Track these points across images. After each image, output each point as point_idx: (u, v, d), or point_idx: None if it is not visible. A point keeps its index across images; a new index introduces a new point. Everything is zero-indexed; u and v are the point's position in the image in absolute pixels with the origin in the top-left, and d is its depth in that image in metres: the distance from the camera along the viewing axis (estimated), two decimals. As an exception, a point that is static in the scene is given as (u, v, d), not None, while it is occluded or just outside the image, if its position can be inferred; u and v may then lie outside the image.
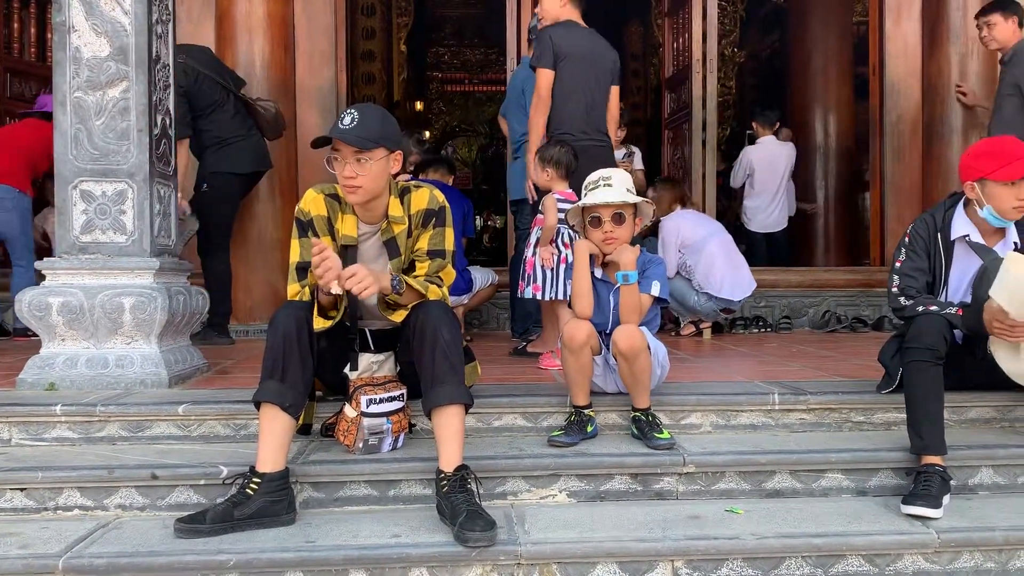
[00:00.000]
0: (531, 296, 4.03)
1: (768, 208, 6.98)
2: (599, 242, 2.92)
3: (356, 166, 2.54)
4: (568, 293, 3.83)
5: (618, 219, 2.90)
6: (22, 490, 2.55)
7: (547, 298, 3.98)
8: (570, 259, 3.90)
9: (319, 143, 2.61)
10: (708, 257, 5.24)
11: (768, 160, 6.93)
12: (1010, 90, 4.77)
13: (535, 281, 4.00)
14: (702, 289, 5.23)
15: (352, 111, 2.56)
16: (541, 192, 4.15)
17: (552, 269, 3.96)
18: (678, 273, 5.30)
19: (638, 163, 6.34)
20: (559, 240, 4.00)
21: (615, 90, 4.44)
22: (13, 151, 5.16)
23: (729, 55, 10.56)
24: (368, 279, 2.45)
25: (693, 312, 5.36)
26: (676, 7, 7.03)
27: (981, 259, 2.89)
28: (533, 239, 4.08)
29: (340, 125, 2.53)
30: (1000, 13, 4.89)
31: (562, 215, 3.92)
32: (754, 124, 7.12)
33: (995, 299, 2.65)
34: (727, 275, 5.23)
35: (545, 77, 4.22)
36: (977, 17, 5.09)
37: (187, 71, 4.51)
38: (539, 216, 4.05)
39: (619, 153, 6.24)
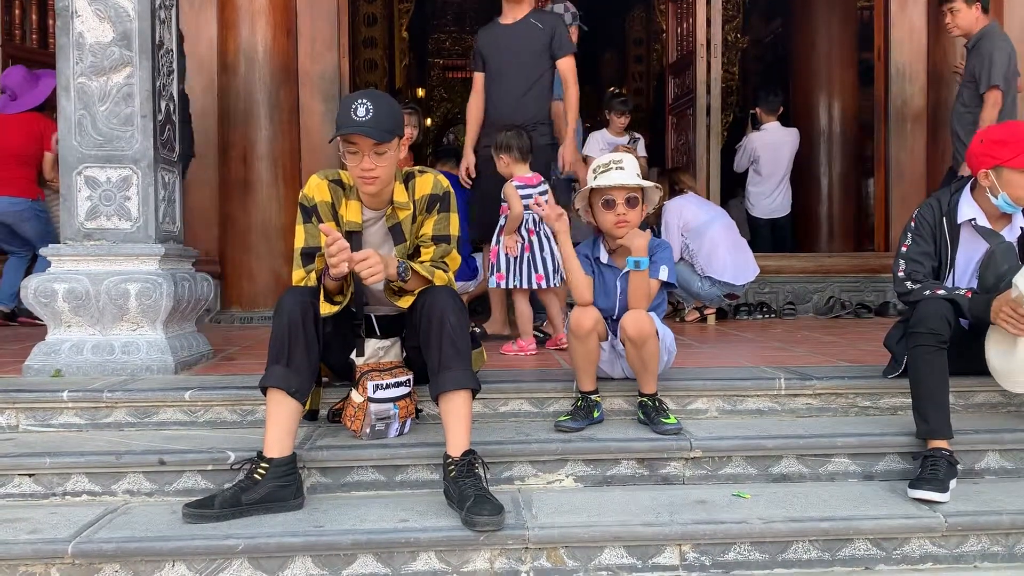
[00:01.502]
0: (495, 285, 4.00)
1: (772, 194, 6.96)
2: (611, 225, 2.90)
3: (375, 158, 2.53)
4: (532, 282, 3.88)
5: (631, 202, 2.89)
6: (30, 476, 2.56)
7: (510, 286, 3.94)
8: (535, 246, 3.91)
9: (335, 136, 2.55)
10: (711, 241, 5.24)
11: (772, 146, 6.91)
12: (968, 78, 4.84)
13: (499, 270, 3.96)
14: (705, 274, 5.23)
15: (364, 101, 2.50)
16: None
17: (516, 257, 3.92)
18: (681, 258, 5.30)
19: (641, 150, 6.32)
20: (522, 227, 3.94)
21: None
22: (11, 160, 5.16)
23: (732, 41, 10.51)
24: (378, 265, 2.44)
25: (697, 297, 5.35)
26: (680, -8, 7.00)
27: (988, 243, 2.88)
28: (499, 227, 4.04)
29: (355, 117, 2.48)
30: (962, 0, 4.91)
31: (528, 200, 3.87)
32: (758, 110, 7.08)
33: (1019, 286, 2.63)
34: (730, 259, 5.23)
35: None
36: (941, 4, 5.10)
37: None
38: (504, 204, 4.00)
39: (623, 140, 6.23)
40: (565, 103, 4.26)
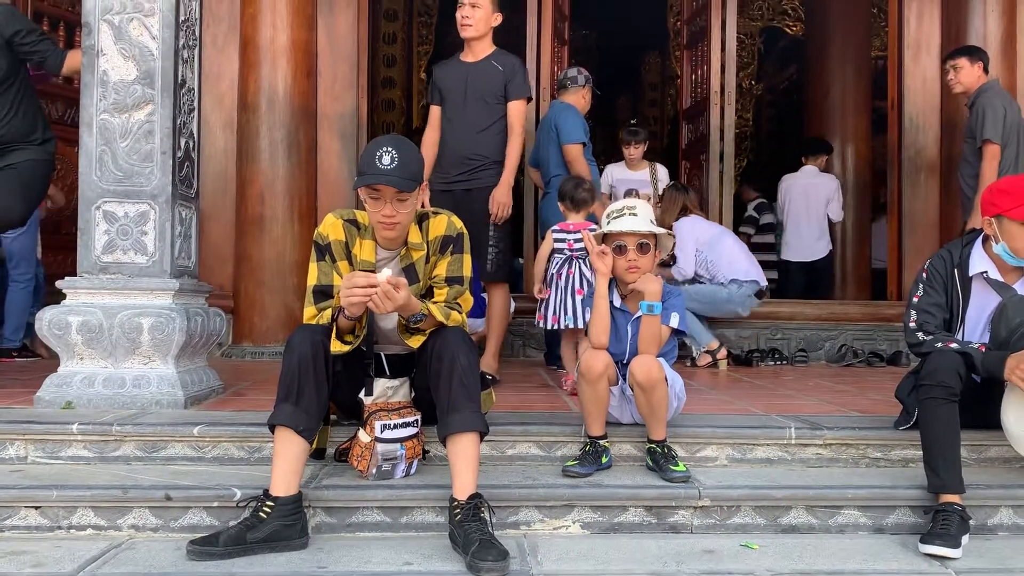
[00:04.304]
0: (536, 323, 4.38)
1: (803, 238, 7.07)
2: (623, 271, 2.93)
3: (396, 205, 2.56)
4: (548, 322, 4.19)
5: (643, 248, 2.91)
6: (36, 508, 2.55)
7: (538, 324, 4.31)
8: (560, 289, 4.15)
9: (360, 184, 2.56)
10: (727, 249, 5.38)
11: (802, 189, 7.10)
12: (968, 133, 5.02)
13: (539, 310, 4.31)
14: (729, 279, 5.27)
15: (389, 149, 2.52)
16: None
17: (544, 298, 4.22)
18: (697, 280, 5.37)
19: (663, 185, 5.97)
20: (552, 269, 4.21)
21: None
22: None
23: (747, 87, 10.61)
24: (403, 298, 2.44)
25: (729, 310, 5.35)
26: (695, 39, 7.08)
27: (1000, 296, 2.87)
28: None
29: (380, 165, 2.50)
30: (967, 57, 5.12)
31: (562, 244, 4.18)
32: (803, 158, 7.28)
33: None
34: (748, 262, 5.38)
35: None
36: (945, 61, 5.33)
37: None
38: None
39: (640, 174, 6.00)
40: (508, 147, 4.24)
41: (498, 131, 4.26)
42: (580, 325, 3.96)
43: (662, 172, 6.10)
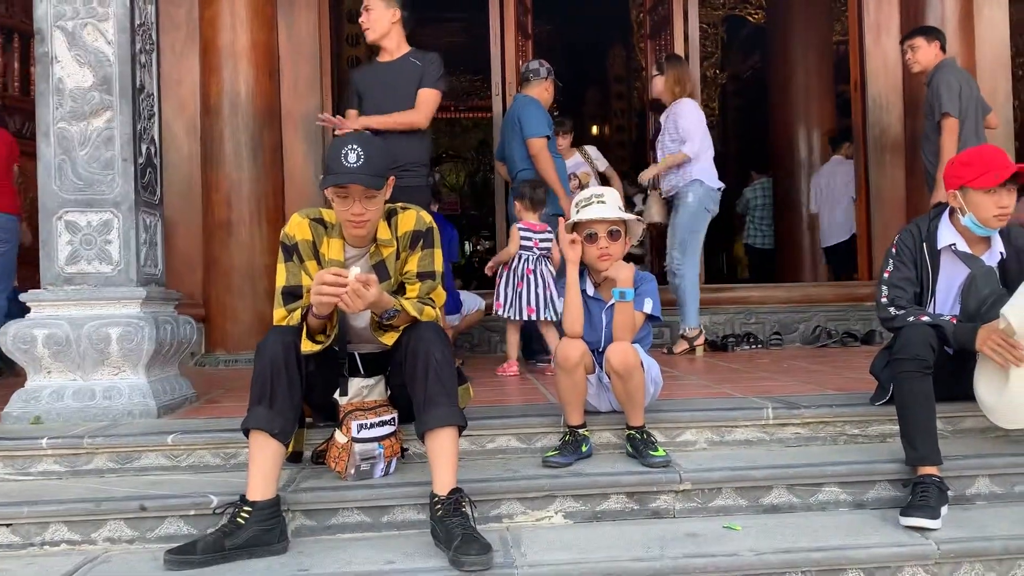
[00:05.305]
0: (495, 311, 4.47)
1: (823, 224, 7.55)
2: (595, 259, 2.91)
3: (365, 203, 2.53)
4: (524, 314, 4.32)
5: (614, 235, 2.90)
6: (7, 526, 2.49)
7: (505, 315, 4.38)
8: (530, 283, 4.33)
9: (327, 184, 2.52)
10: (707, 150, 5.35)
11: (824, 178, 7.61)
12: (927, 109, 5.08)
13: (498, 299, 4.43)
14: (691, 178, 5.23)
15: (354, 147, 2.49)
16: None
17: (516, 291, 4.36)
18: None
19: (602, 164, 5.96)
20: (522, 265, 4.35)
21: None
22: None
23: (711, 77, 10.66)
24: (373, 295, 2.41)
25: (702, 206, 5.26)
26: (658, 29, 7.10)
27: (968, 268, 2.90)
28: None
29: (346, 163, 2.47)
30: (923, 37, 5.19)
31: (528, 243, 4.38)
32: (832, 151, 7.68)
33: (1007, 317, 2.63)
34: (714, 168, 5.38)
35: None
36: (902, 41, 5.42)
37: None
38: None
39: (573, 160, 5.85)
40: (407, 117, 4.12)
41: (418, 131, 4.16)
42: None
43: (593, 151, 6.06)
